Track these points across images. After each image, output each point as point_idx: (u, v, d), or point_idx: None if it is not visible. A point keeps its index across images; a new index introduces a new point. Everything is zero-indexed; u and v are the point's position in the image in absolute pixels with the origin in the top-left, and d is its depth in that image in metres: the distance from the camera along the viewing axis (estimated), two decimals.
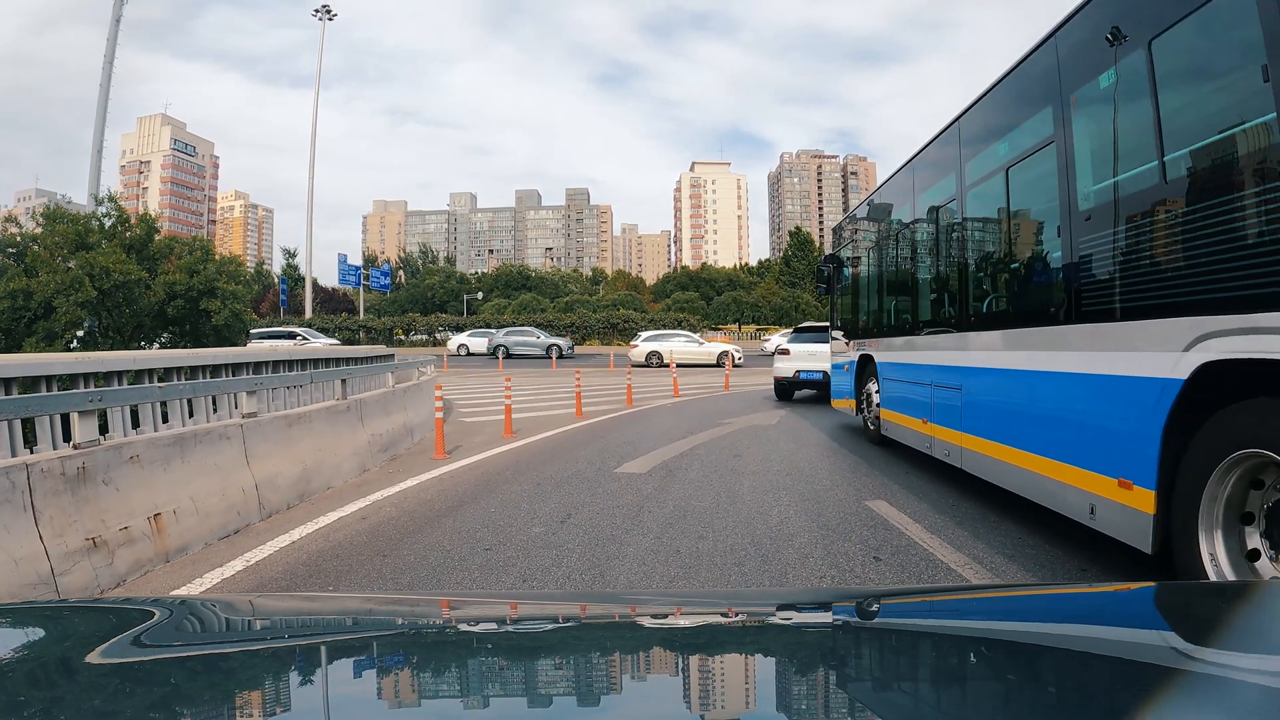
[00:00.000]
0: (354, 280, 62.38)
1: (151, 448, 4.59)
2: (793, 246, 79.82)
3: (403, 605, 1.67)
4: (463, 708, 0.89)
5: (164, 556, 4.49)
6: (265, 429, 5.63)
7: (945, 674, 0.98)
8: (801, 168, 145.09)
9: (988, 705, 0.86)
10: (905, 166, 7.40)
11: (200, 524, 4.78)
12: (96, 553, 4.10)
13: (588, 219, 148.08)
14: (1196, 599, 1.35)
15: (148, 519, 4.44)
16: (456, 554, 4.27)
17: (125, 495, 4.35)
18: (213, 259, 24.90)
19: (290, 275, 70.49)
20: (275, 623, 1.32)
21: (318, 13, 52.52)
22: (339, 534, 4.83)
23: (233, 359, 6.62)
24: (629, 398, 13.72)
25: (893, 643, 1.15)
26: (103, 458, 4.26)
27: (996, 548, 4.30)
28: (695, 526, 4.78)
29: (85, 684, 0.89)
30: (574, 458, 7.60)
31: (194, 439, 4.94)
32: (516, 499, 5.68)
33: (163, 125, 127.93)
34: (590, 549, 4.31)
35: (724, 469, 6.86)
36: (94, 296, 21.66)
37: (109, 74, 36.63)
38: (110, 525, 4.19)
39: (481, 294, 77.82)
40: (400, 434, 8.32)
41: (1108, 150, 3.74)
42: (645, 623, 1.29)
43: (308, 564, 4.24)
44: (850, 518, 4.98)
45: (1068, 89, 4.04)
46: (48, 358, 5.85)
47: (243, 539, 4.84)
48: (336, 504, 5.64)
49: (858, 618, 1.28)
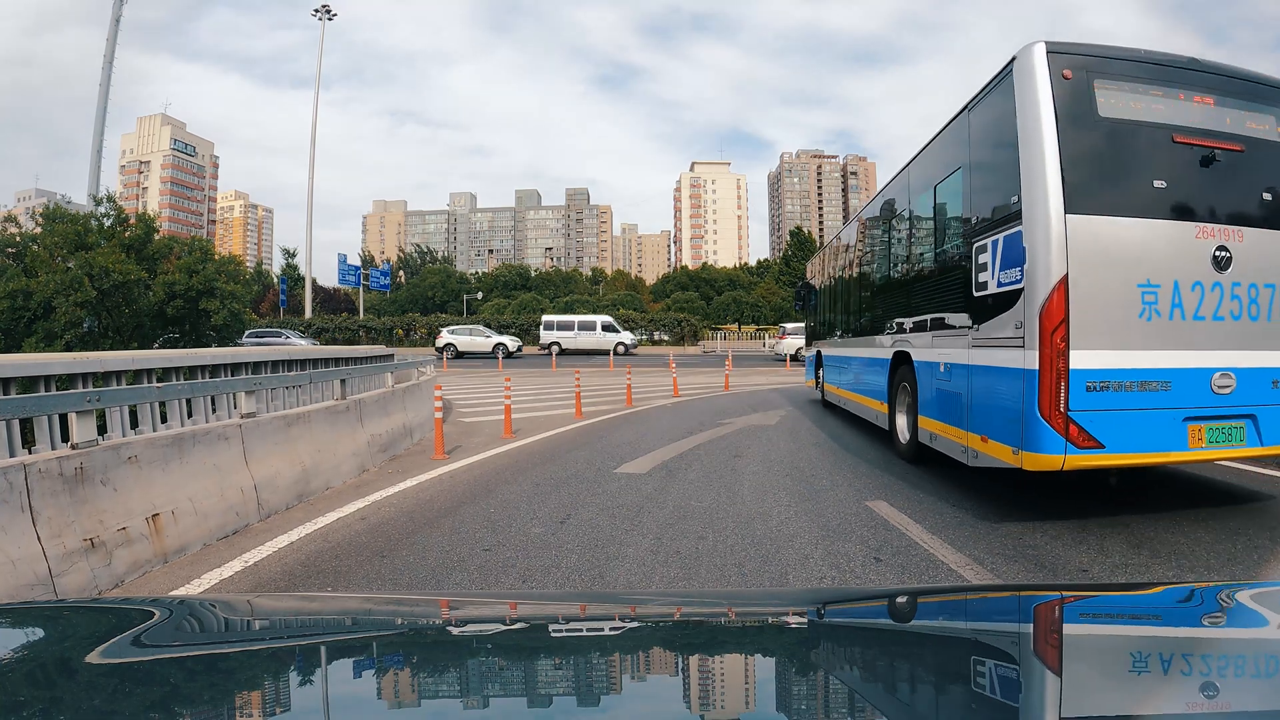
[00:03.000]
0: (353, 280, 62.33)
1: (150, 448, 4.57)
2: (793, 246, 79.62)
3: (403, 605, 1.68)
4: (462, 708, 0.90)
5: (162, 557, 4.47)
6: (264, 429, 5.61)
7: (944, 674, 0.99)
8: (801, 168, 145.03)
9: (987, 705, 0.86)
10: (828, 245, 13.02)
11: (198, 524, 4.76)
12: (94, 553, 4.09)
13: (587, 219, 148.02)
14: (1201, 600, 1.37)
15: (146, 519, 4.42)
16: (456, 554, 4.26)
17: (123, 496, 4.33)
18: (212, 259, 24.88)
19: (290, 275, 70.42)
20: (275, 623, 1.33)
21: (317, 13, 52.54)
22: (338, 534, 4.82)
23: (231, 359, 6.61)
24: (629, 398, 13.71)
25: (891, 642, 1.15)
26: (101, 458, 4.24)
27: (998, 548, 4.28)
28: (695, 527, 4.77)
29: (85, 684, 0.89)
30: (573, 458, 7.59)
31: (192, 439, 4.92)
32: (516, 499, 5.66)
33: (162, 125, 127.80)
34: (589, 550, 4.30)
35: (724, 469, 6.84)
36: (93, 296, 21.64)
37: (109, 74, 36.63)
38: (108, 526, 4.17)
39: (481, 294, 77.81)
40: (400, 434, 8.31)
41: (880, 260, 8.46)
42: (645, 623, 1.29)
43: (306, 565, 4.23)
44: (851, 518, 4.97)
45: (872, 225, 8.80)
46: (46, 358, 5.83)
47: (241, 539, 4.82)
48: (336, 504, 5.62)
49: (857, 617, 1.29)
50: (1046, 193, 4.41)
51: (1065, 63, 4.56)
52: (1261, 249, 4.60)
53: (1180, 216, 4.54)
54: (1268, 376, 4.61)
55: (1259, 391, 4.58)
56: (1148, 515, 4.94)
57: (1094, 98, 4.56)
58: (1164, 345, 4.47)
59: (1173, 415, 4.46)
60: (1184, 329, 4.49)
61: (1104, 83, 4.59)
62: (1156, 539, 4.42)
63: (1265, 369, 4.60)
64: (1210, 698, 0.80)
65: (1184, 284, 4.50)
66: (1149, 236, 4.47)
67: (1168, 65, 4.76)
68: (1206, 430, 4.52)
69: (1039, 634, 1.14)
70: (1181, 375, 4.47)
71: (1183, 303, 4.49)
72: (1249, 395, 4.56)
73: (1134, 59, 4.75)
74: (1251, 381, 4.56)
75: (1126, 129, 4.56)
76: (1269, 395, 4.61)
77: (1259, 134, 4.74)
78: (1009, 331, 4.72)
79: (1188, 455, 4.52)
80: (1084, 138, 4.51)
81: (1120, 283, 4.44)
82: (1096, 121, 4.54)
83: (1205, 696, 0.80)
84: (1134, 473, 5.61)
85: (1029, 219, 4.51)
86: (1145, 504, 5.28)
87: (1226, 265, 4.53)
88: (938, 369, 6.03)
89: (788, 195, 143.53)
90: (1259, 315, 4.59)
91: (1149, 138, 4.58)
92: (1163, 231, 4.50)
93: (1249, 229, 4.60)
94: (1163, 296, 4.47)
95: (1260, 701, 0.80)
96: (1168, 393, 4.45)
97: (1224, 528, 4.67)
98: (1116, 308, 4.42)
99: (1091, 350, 4.37)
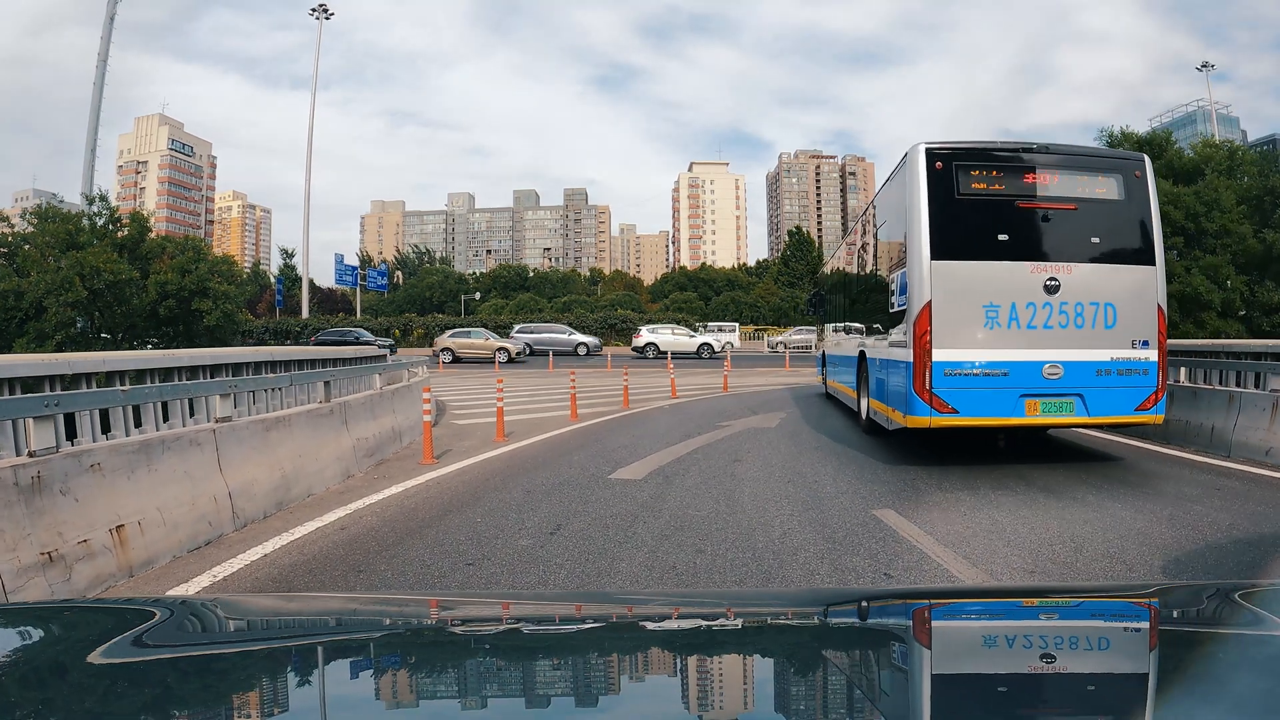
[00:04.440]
0: (350, 280, 62.04)
1: (114, 455, 4.31)
2: (791, 246, 79.34)
3: (406, 606, 1.66)
4: (462, 708, 0.89)
5: (127, 571, 4.22)
6: (241, 434, 5.35)
7: (943, 674, 0.98)
8: (800, 168, 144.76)
9: (987, 706, 0.86)
10: (827, 261, 17.55)
11: (167, 536, 4.50)
12: (53, 568, 3.84)
13: (586, 219, 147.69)
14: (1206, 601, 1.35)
15: (109, 531, 4.17)
16: (436, 569, 4.00)
17: (85, 506, 4.08)
18: (205, 259, 24.61)
19: (287, 275, 70.10)
20: (275, 623, 1.32)
21: (314, 12, 52.27)
22: (314, 546, 4.56)
23: (211, 360, 6.33)
24: (625, 399, 13.42)
25: (892, 643, 1.15)
26: (60, 466, 4.00)
27: (1016, 562, 4.03)
28: (692, 539, 4.50)
29: (85, 684, 0.89)
30: (567, 463, 7.32)
31: (161, 445, 4.66)
32: (504, 508, 5.39)
33: (160, 125, 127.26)
34: (579, 564, 4.03)
35: (723, 474, 6.58)
36: (84, 296, 21.40)
37: (103, 72, 36.47)
38: (68, 538, 3.93)
39: (479, 294, 77.50)
40: (388, 438, 8.04)
41: (853, 279, 10.60)
42: (644, 623, 1.28)
43: (278, 579, 3.98)
44: (858, 529, 4.70)
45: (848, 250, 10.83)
46: (10, 359, 5.58)
47: (213, 551, 4.56)
48: (316, 512, 5.36)
49: (857, 618, 1.27)
50: (920, 246, 6.42)
51: (937, 157, 6.52)
52: (1086, 278, 6.42)
53: (1018, 257, 6.42)
54: (1092, 367, 6.38)
55: (1085, 377, 6.38)
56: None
57: (955, 181, 6.50)
58: (1003, 346, 6.35)
59: (1011, 392, 6.35)
60: (1021, 334, 6.35)
61: (965, 170, 6.54)
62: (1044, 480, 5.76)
63: (1089, 362, 6.39)
64: (1212, 697, 0.79)
65: (1020, 304, 6.35)
66: (993, 272, 6.42)
67: (1016, 150, 6.71)
68: (1041, 404, 6.39)
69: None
70: (1017, 366, 6.34)
71: (1019, 316, 6.35)
72: (1076, 380, 6.37)
73: (989, 149, 6.76)
74: (1077, 370, 6.36)
75: (979, 199, 6.55)
76: (1094, 380, 6.39)
77: (1088, 195, 6.60)
78: (901, 336, 6.81)
79: (1025, 420, 6.43)
80: (947, 208, 6.46)
81: (969, 304, 6.38)
82: (956, 196, 6.49)
83: (1207, 696, 0.80)
84: (1026, 439, 7.97)
85: (909, 263, 6.60)
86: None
87: (1056, 290, 6.36)
88: (875, 363, 8.25)
89: (786, 195, 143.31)
90: (1084, 325, 6.38)
91: (996, 204, 6.54)
92: (1004, 268, 6.42)
93: (1076, 264, 6.43)
94: (1003, 313, 6.37)
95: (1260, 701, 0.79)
96: (1006, 377, 6.34)
97: (1080, 473, 6.66)
98: (966, 320, 6.38)
99: (948, 349, 6.33)
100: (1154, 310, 6.48)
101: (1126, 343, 6.42)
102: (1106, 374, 6.38)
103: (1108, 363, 6.39)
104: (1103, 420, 6.56)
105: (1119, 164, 6.93)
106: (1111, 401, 6.40)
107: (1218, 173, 33.17)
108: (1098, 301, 6.36)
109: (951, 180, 6.46)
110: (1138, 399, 6.41)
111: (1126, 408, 6.41)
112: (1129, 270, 6.52)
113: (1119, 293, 6.43)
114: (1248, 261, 31.78)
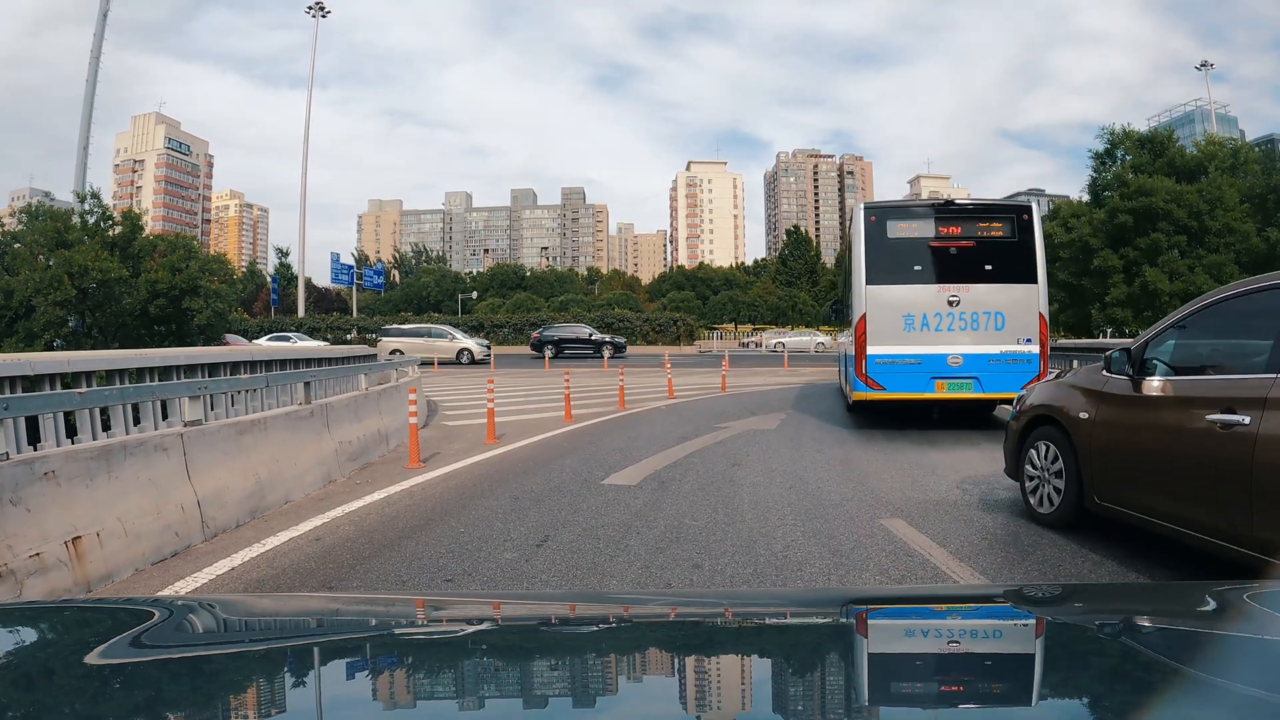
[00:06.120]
0: (346, 280, 61.64)
1: (70, 462, 4.02)
2: (789, 246, 79.05)
3: (406, 606, 1.65)
4: (459, 708, 0.89)
5: (85, 585, 3.94)
6: (211, 438, 5.06)
7: (942, 675, 0.97)
8: (798, 167, 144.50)
9: (986, 706, 0.86)
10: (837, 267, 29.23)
11: (129, 547, 4.22)
12: (2, 584, 3.57)
13: (583, 218, 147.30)
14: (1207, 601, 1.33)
15: (65, 543, 3.89)
16: (413, 586, 3.72)
17: (37, 517, 3.80)
18: (196, 257, 24.24)
19: (283, 274, 69.69)
20: (274, 623, 1.32)
21: (311, 10, 51.89)
22: (286, 559, 4.28)
23: (186, 360, 6.06)
24: (621, 400, 13.14)
25: (891, 643, 1.14)
26: (10, 474, 3.72)
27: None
28: (689, 551, 4.22)
29: (85, 684, 0.89)
30: (558, 467, 7.04)
31: (124, 451, 4.37)
32: (490, 517, 5.11)
33: (157, 124, 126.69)
34: (567, 580, 3.75)
35: (721, 480, 6.30)
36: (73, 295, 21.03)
37: (95, 69, 36.06)
38: (19, 552, 3.66)
39: (476, 293, 77.14)
40: (373, 440, 7.75)
41: (836, 302, 15.43)
42: (642, 623, 1.27)
43: None
44: (865, 540, 4.42)
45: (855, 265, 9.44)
46: None
47: (179, 563, 4.29)
48: (291, 521, 5.08)
49: (856, 618, 1.26)
50: (861, 275, 8.87)
51: (874, 213, 9.16)
52: (980, 294, 8.67)
53: (930, 281, 8.79)
54: (985, 358, 8.60)
55: (980, 365, 8.63)
56: None
57: (886, 229, 8.96)
58: (917, 344, 8.70)
59: (923, 375, 8.71)
60: (930, 335, 8.68)
61: (892, 221, 9.07)
62: None
63: (983, 354, 8.61)
64: (1212, 698, 0.79)
65: (930, 314, 8.71)
66: (910, 293, 8.81)
67: (931, 206, 9.49)
68: (947, 384, 8.71)
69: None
70: (927, 357, 8.68)
71: (929, 323, 8.71)
72: (973, 367, 8.64)
73: (911, 206, 10.60)
74: (974, 360, 8.63)
75: (903, 241, 8.96)
76: (987, 367, 8.61)
77: (984, 235, 8.93)
78: (851, 337, 9.42)
79: (935, 395, 8.77)
80: (880, 247, 8.88)
81: (893, 315, 8.77)
82: (887, 239, 8.92)
83: (1208, 696, 0.80)
84: (952, 418, 9.48)
85: (854, 286, 9.09)
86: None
87: (957, 303, 8.67)
88: (842, 357, 11.69)
89: (784, 195, 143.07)
90: (979, 328, 8.66)
91: (915, 244, 8.94)
92: (918, 289, 8.79)
93: (973, 284, 8.69)
94: (917, 321, 8.73)
95: (1261, 701, 0.78)
96: (919, 365, 8.69)
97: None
98: (890, 326, 8.76)
99: (878, 345, 8.79)
100: (1035, 316, 8.67)
101: (1014, 340, 8.59)
102: (997, 363, 8.56)
103: (998, 354, 8.56)
104: (994, 396, 8.69)
105: (1010, 211, 9.16)
106: (1001, 382, 8.46)
107: (1221, 170, 32.95)
108: (990, 311, 8.63)
109: (884, 228, 8.95)
110: (1023, 380, 8.02)
111: (1014, 387, 7.91)
112: (1015, 288, 8.71)
113: (1007, 304, 8.65)
114: (1251, 260, 31.57)
